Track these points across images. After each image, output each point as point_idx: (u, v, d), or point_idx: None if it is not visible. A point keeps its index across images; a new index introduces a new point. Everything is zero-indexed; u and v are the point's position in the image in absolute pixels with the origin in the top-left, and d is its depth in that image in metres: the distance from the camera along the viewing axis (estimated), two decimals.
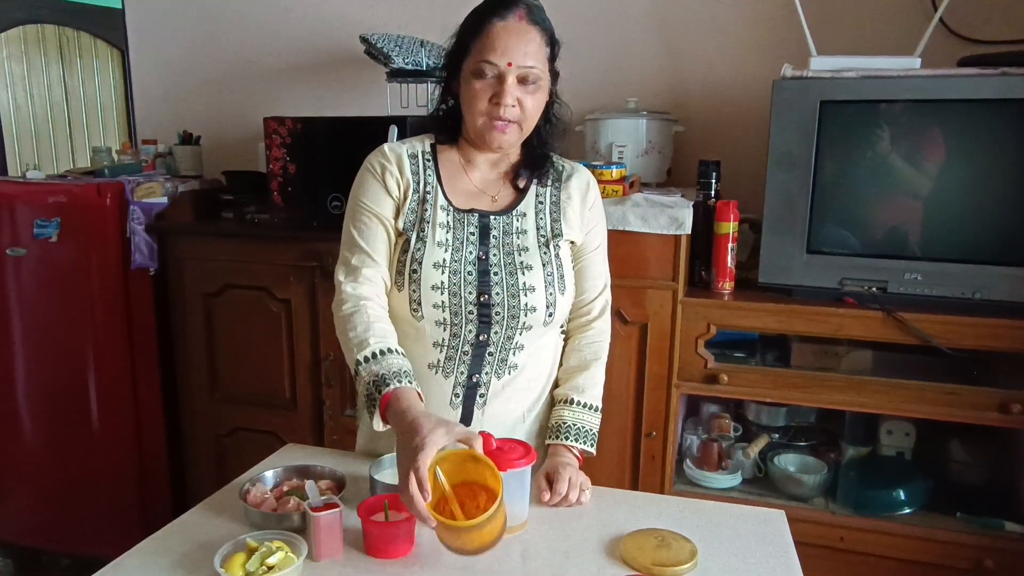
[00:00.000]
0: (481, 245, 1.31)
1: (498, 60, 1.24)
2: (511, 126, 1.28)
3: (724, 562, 1.13)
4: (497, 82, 1.26)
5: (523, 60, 1.25)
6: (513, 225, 1.33)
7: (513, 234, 1.33)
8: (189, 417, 2.56)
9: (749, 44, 2.34)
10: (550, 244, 1.34)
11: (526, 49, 1.25)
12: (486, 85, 1.26)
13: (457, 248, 1.30)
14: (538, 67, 1.27)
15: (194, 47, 2.93)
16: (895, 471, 2.04)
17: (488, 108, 1.27)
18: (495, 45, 1.25)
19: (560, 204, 1.37)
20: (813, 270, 1.93)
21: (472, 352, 1.32)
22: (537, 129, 1.36)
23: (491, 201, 1.36)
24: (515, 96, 1.26)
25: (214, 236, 2.44)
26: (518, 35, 1.25)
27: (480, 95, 1.27)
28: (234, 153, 2.86)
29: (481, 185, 1.37)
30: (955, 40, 2.13)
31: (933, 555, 1.88)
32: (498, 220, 1.33)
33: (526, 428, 1.41)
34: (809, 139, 1.87)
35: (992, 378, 1.86)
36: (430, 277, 1.28)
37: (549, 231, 1.35)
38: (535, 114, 1.31)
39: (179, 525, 1.23)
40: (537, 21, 1.28)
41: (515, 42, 1.25)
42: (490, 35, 1.25)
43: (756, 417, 2.23)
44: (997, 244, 1.81)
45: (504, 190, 1.37)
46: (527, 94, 1.27)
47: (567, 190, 1.38)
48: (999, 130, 1.79)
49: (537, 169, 1.37)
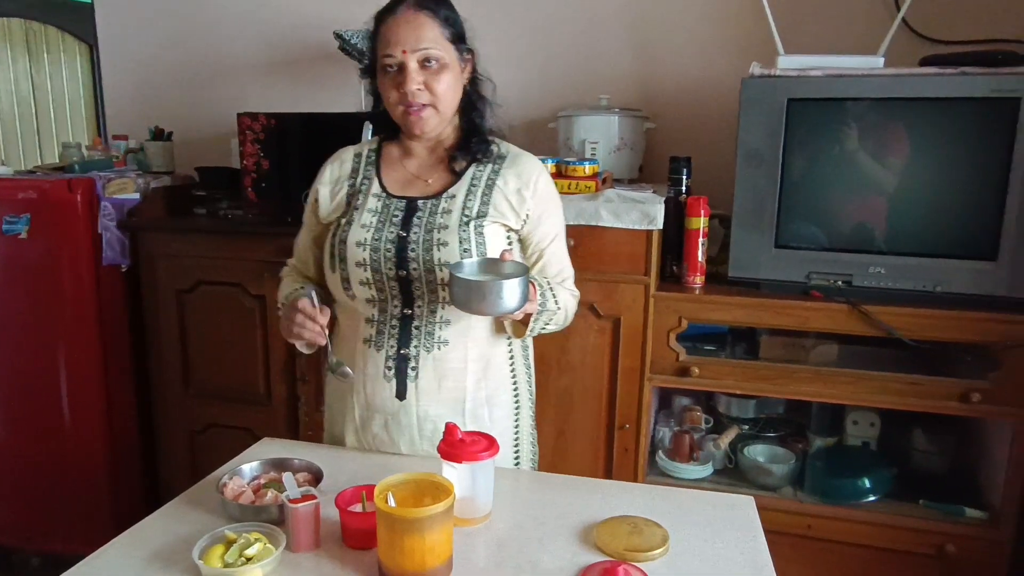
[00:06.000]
0: (404, 225, 1.38)
1: (394, 51, 1.34)
2: (425, 109, 1.36)
3: (695, 547, 1.16)
4: (399, 72, 1.35)
5: (417, 44, 1.34)
6: (440, 206, 1.39)
7: (438, 214, 1.38)
8: (162, 413, 2.55)
9: (718, 43, 2.38)
10: (471, 223, 1.37)
11: (418, 34, 1.34)
12: (392, 78, 1.36)
13: (379, 228, 1.39)
14: (435, 48, 1.35)
15: (165, 42, 2.91)
16: (861, 460, 2.10)
17: (399, 97, 1.36)
18: (389, 39, 1.35)
19: (494, 187, 1.41)
20: (781, 264, 1.97)
21: (400, 326, 1.39)
22: (465, 109, 1.44)
23: (425, 185, 1.43)
24: (419, 80, 1.34)
25: (187, 232, 2.43)
26: (407, 23, 1.34)
27: (389, 88, 1.37)
28: (206, 149, 2.85)
29: (417, 171, 1.45)
30: (917, 40, 2.19)
31: (897, 542, 1.94)
32: (427, 203, 1.40)
33: (472, 410, 1.43)
34: (777, 136, 1.91)
35: (953, 368, 1.92)
36: (354, 255, 1.38)
37: (474, 211, 1.39)
38: (447, 94, 1.38)
39: (156, 519, 1.24)
40: (426, 7, 1.36)
41: (405, 30, 1.34)
42: (384, 31, 1.36)
43: (726, 409, 2.27)
44: (956, 239, 1.86)
45: (439, 174, 1.44)
46: (431, 76, 1.35)
47: (504, 175, 1.42)
48: (958, 128, 1.84)
49: (470, 151, 1.43)
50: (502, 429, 1.46)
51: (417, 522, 1.02)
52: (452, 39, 1.38)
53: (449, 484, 1.10)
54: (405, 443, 1.43)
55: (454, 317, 1.38)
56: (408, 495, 1.10)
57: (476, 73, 1.45)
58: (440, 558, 1.05)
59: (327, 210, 1.46)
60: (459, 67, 1.40)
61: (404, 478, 1.12)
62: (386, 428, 1.43)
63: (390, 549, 1.05)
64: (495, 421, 1.45)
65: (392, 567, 1.05)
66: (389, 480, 1.10)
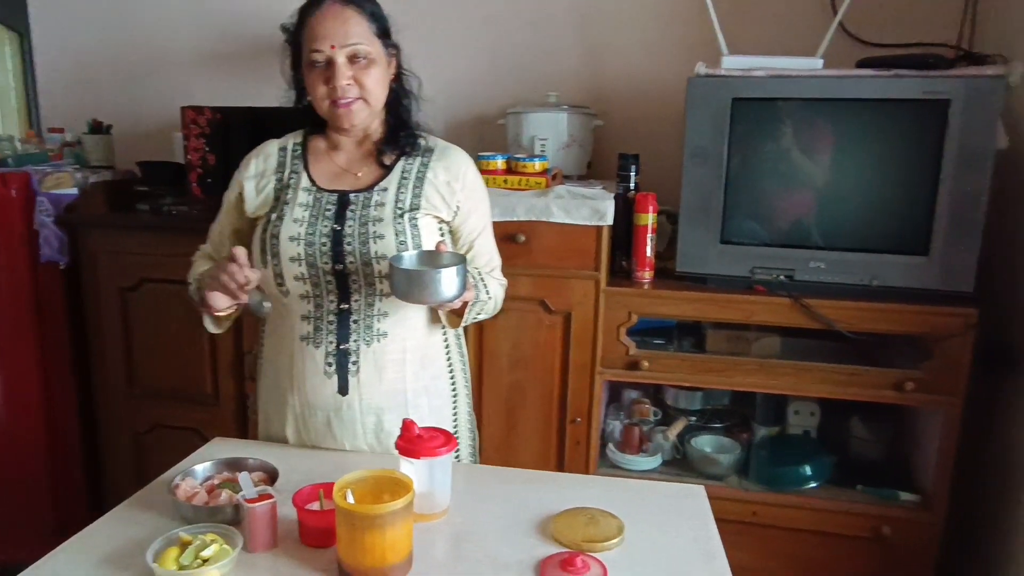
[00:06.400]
0: (337, 219, 1.39)
1: (322, 46, 1.35)
2: (355, 103, 1.38)
3: (649, 536, 1.19)
4: (328, 66, 1.36)
5: (345, 39, 1.35)
6: (373, 199, 1.41)
7: (371, 207, 1.40)
8: (106, 414, 2.48)
9: (664, 42, 2.42)
10: (406, 216, 1.40)
11: (345, 29, 1.35)
12: (320, 72, 1.37)
13: (312, 223, 1.39)
14: (363, 43, 1.37)
15: (103, 31, 2.82)
16: (802, 449, 2.17)
17: (327, 92, 1.37)
18: (316, 33, 1.35)
19: (424, 180, 1.44)
20: (726, 259, 2.02)
21: (337, 321, 1.39)
22: (392, 104, 1.46)
23: (355, 179, 1.44)
24: (348, 75, 1.36)
25: (130, 229, 2.36)
26: (334, 18, 1.35)
27: (317, 83, 1.38)
28: (147, 143, 2.77)
29: (346, 165, 1.47)
30: (853, 42, 2.27)
31: (837, 525, 2.01)
32: (358, 196, 1.41)
33: (412, 400, 1.44)
34: (722, 135, 1.96)
35: (888, 359, 2.00)
36: (287, 250, 1.37)
37: (407, 204, 1.41)
38: (376, 88, 1.40)
39: (105, 523, 1.21)
40: (352, 1, 1.37)
41: (332, 25, 1.35)
42: (311, 26, 1.36)
43: (674, 401, 2.32)
44: (891, 234, 1.94)
45: (369, 168, 1.46)
46: (360, 70, 1.37)
47: (434, 168, 1.45)
48: (893, 128, 1.92)
49: (398, 145, 1.45)
50: (441, 418, 1.49)
51: (379, 518, 1.02)
52: (379, 34, 1.40)
53: (408, 480, 1.10)
54: (348, 438, 1.44)
55: (391, 309, 1.40)
56: (367, 492, 1.11)
57: (401, 69, 1.48)
58: (401, 554, 1.06)
59: (253, 205, 1.46)
60: (386, 62, 1.43)
61: (362, 475, 1.12)
62: (328, 424, 1.43)
63: (350, 546, 1.05)
64: (434, 410, 1.48)
65: (352, 564, 1.05)
66: (348, 477, 1.11)
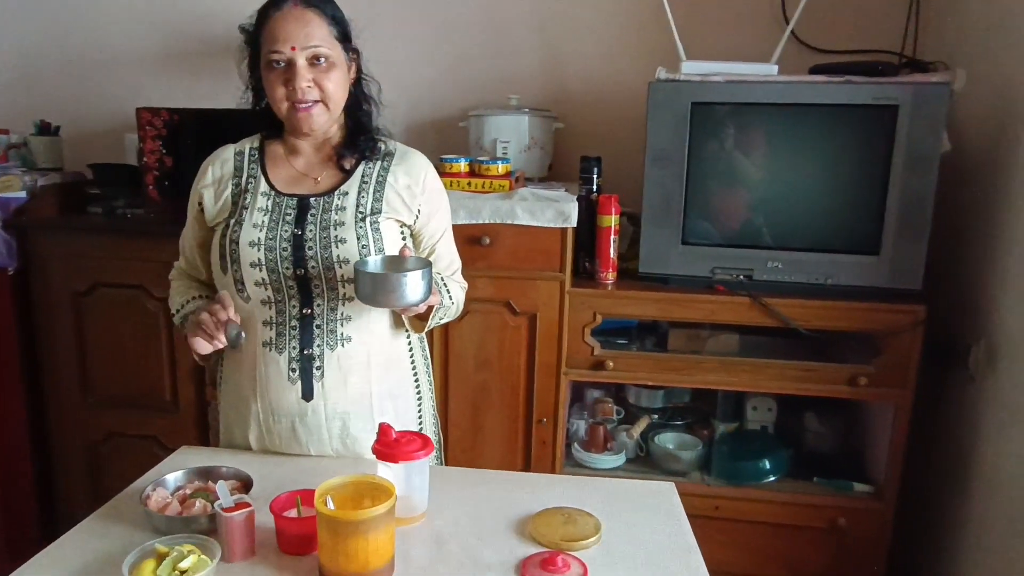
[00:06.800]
0: (298, 223, 1.38)
1: (283, 47, 1.33)
2: (316, 106, 1.36)
3: (625, 533, 1.21)
4: (288, 68, 1.34)
5: (306, 42, 1.33)
6: (333, 204, 1.40)
7: (332, 211, 1.39)
8: (58, 425, 2.41)
9: (625, 46, 2.46)
10: (367, 220, 1.40)
11: (307, 31, 1.33)
12: (279, 74, 1.35)
13: (272, 227, 1.37)
14: (324, 46, 1.35)
15: (51, 30, 2.73)
16: (760, 443, 2.23)
17: (287, 94, 1.35)
18: (276, 35, 1.33)
19: (385, 184, 1.43)
20: (687, 260, 2.07)
21: (300, 326, 1.38)
22: (351, 109, 1.45)
23: (314, 183, 1.43)
24: (308, 78, 1.34)
25: (83, 232, 2.30)
26: (295, 20, 1.33)
27: (276, 85, 1.35)
28: (97, 145, 2.70)
29: (305, 169, 1.45)
30: (805, 49, 2.34)
31: (796, 517, 2.08)
32: (319, 200, 1.40)
33: (377, 405, 1.45)
34: (682, 138, 2.00)
35: (842, 355, 2.07)
36: (248, 255, 1.36)
37: (369, 208, 1.41)
38: (336, 92, 1.38)
39: (74, 536, 1.19)
40: (313, 4, 1.36)
41: (293, 27, 1.33)
42: (271, 27, 1.34)
43: (637, 400, 2.36)
44: (844, 235, 2.00)
45: (328, 172, 1.45)
46: (321, 73, 1.35)
47: (395, 172, 1.45)
48: (844, 132, 1.98)
49: (358, 149, 1.45)
50: (407, 422, 1.50)
51: (361, 524, 1.03)
52: (339, 38, 1.39)
53: (390, 484, 1.11)
54: (314, 444, 1.43)
55: (355, 313, 1.40)
56: (347, 497, 1.11)
57: (361, 73, 1.47)
58: (383, 559, 1.07)
59: (212, 212, 1.43)
60: (346, 66, 1.41)
61: (342, 481, 1.12)
62: (293, 430, 1.42)
63: (332, 552, 1.05)
64: (400, 414, 1.48)
65: (335, 570, 1.05)
66: (328, 484, 1.10)
